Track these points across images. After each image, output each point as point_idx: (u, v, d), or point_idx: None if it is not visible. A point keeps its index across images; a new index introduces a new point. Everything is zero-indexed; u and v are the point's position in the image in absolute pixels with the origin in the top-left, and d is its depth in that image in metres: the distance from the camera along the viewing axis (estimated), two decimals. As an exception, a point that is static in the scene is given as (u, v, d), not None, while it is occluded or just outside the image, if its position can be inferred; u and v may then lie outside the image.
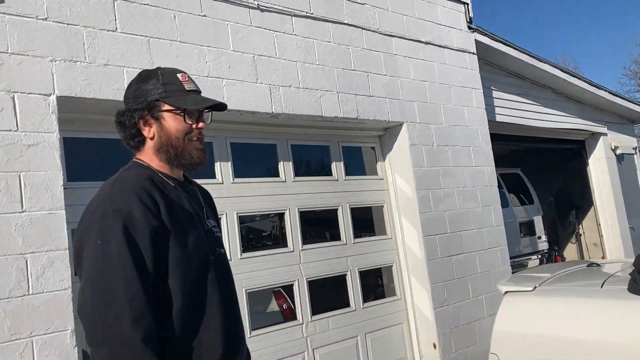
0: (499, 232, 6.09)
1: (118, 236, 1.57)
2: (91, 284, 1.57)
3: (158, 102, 1.77)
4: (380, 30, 5.35)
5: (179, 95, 1.78)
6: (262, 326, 4.33)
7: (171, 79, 1.80)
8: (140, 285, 1.55)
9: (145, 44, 3.71)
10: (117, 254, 1.56)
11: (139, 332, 1.50)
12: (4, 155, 3.02)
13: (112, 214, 1.60)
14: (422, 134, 5.50)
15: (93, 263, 1.58)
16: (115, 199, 1.63)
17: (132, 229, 1.59)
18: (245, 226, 4.44)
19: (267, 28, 4.41)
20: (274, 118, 4.42)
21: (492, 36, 6.63)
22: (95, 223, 1.61)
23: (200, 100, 1.84)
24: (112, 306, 1.52)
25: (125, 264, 1.55)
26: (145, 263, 1.59)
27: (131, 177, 1.72)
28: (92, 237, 1.60)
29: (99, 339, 1.52)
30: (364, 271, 5.13)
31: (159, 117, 1.77)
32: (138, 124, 1.78)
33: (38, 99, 3.19)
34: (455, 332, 5.34)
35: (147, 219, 1.61)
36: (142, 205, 1.62)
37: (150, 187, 1.69)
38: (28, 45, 3.20)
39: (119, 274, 1.54)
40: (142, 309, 1.53)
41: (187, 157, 1.79)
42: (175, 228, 1.67)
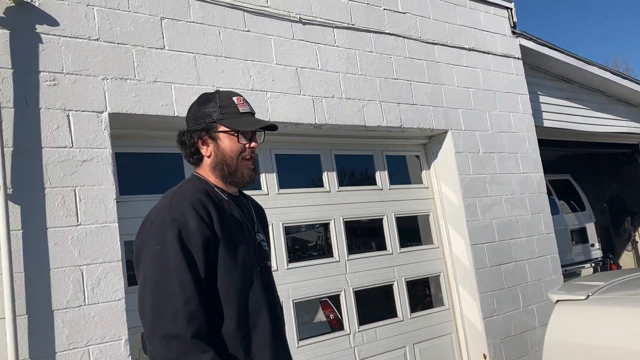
0: (550, 239, 5.94)
1: (174, 243, 1.71)
2: (151, 285, 1.71)
3: (215, 123, 1.93)
4: (422, 38, 5.33)
5: (234, 117, 1.94)
6: (310, 336, 4.34)
7: (227, 102, 1.96)
8: (194, 288, 1.69)
9: (192, 60, 3.81)
10: (173, 260, 1.70)
11: (190, 329, 1.64)
12: (60, 171, 3.15)
13: (170, 222, 1.74)
14: (468, 141, 5.44)
15: (153, 267, 1.73)
16: (173, 209, 1.77)
17: (187, 238, 1.73)
18: (290, 236, 4.48)
19: (309, 40, 4.46)
20: (317, 129, 4.45)
21: (538, 40, 6.51)
22: (155, 230, 1.77)
23: (253, 122, 1.98)
24: (169, 306, 1.66)
25: (181, 269, 1.69)
26: (198, 269, 1.72)
27: (189, 189, 1.87)
28: (152, 242, 1.75)
29: (158, 336, 1.65)
30: (411, 281, 5.09)
31: (216, 138, 1.93)
32: (197, 144, 1.95)
33: (91, 116, 3.32)
34: (506, 342, 5.22)
35: (201, 229, 1.74)
36: (197, 216, 1.75)
37: (206, 199, 1.83)
38: (81, 65, 3.34)
39: (176, 278, 1.68)
40: (195, 311, 1.67)
41: (240, 175, 1.94)
42: (226, 238, 1.80)
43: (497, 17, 6.18)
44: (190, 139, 1.95)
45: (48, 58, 3.23)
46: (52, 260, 3.04)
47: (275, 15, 4.30)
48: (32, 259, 2.98)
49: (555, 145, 7.73)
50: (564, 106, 7.18)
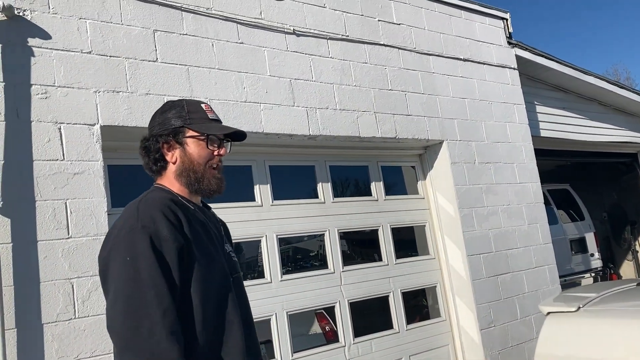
0: (547, 250, 5.92)
1: (146, 252, 1.62)
2: (122, 299, 1.60)
3: (183, 128, 1.86)
4: (417, 49, 5.34)
5: (202, 122, 1.87)
6: (304, 348, 4.32)
7: (195, 108, 1.91)
8: (171, 299, 1.60)
9: (184, 72, 3.82)
10: (147, 270, 1.60)
11: (174, 344, 1.54)
12: (51, 184, 3.15)
13: (140, 230, 1.65)
14: (463, 151, 5.43)
15: (123, 279, 1.61)
16: (142, 217, 1.68)
17: (159, 245, 1.64)
18: (284, 248, 4.47)
19: (303, 52, 4.47)
20: (311, 140, 4.45)
21: (534, 50, 6.52)
22: (123, 240, 1.66)
23: (222, 127, 1.93)
24: (145, 320, 1.55)
25: (156, 279, 1.59)
26: (174, 278, 1.64)
27: (155, 197, 1.79)
28: (120, 253, 1.65)
29: (134, 353, 1.54)
30: (407, 292, 5.06)
31: (183, 143, 1.86)
32: (162, 149, 1.86)
33: (83, 129, 3.33)
34: (503, 354, 5.19)
35: (174, 236, 1.66)
36: (168, 223, 1.67)
37: (175, 206, 1.75)
38: (73, 78, 3.35)
39: (150, 289, 1.58)
40: (174, 322, 1.58)
41: (206, 183, 1.86)
42: (198, 247, 1.73)
43: (492, 27, 6.19)
44: (156, 144, 1.86)
45: (40, 71, 3.24)
46: (42, 273, 3.03)
47: (269, 27, 4.31)
48: (22, 272, 2.97)
49: (553, 155, 7.71)
50: (561, 116, 7.18)
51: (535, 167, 6.09)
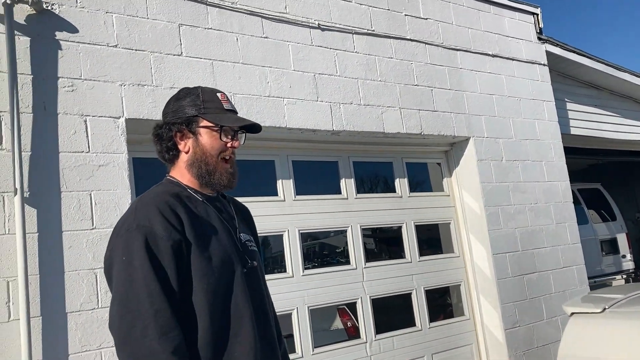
0: (575, 250, 5.79)
1: (140, 252, 1.59)
2: (118, 299, 1.59)
3: (197, 117, 1.81)
4: (444, 44, 5.28)
5: (217, 112, 1.82)
6: (326, 344, 4.31)
7: (211, 97, 1.85)
8: (164, 299, 1.56)
9: (209, 66, 3.84)
10: (140, 270, 1.58)
11: (166, 345, 1.52)
12: (77, 175, 3.20)
13: (135, 229, 1.63)
14: (490, 148, 5.35)
15: (120, 278, 1.61)
16: (138, 215, 1.66)
17: (154, 244, 1.61)
18: (308, 244, 4.47)
19: (328, 47, 4.46)
20: (335, 135, 4.44)
21: (565, 46, 6.38)
22: (121, 239, 1.65)
23: (237, 119, 1.88)
24: (138, 321, 1.54)
25: (149, 279, 1.57)
26: (168, 277, 1.60)
27: (156, 193, 1.76)
28: (118, 253, 1.64)
29: (127, 353, 1.54)
30: (431, 290, 5.01)
31: (196, 132, 1.81)
32: (175, 137, 1.82)
33: (108, 122, 3.37)
34: (528, 354, 5.10)
35: (169, 234, 1.63)
36: (164, 220, 1.64)
37: (175, 202, 1.71)
38: (99, 71, 3.39)
39: (143, 289, 1.56)
40: (167, 323, 1.55)
41: (217, 176, 1.82)
42: (200, 241, 1.68)
43: (522, 22, 6.08)
44: (169, 132, 1.82)
45: (67, 64, 3.29)
46: (67, 263, 3.08)
47: (293, 21, 4.30)
48: (47, 262, 3.03)
49: (584, 154, 7.55)
50: (593, 113, 7.01)
51: (564, 166, 5.96)
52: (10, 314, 2.88)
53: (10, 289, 2.90)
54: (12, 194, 2.96)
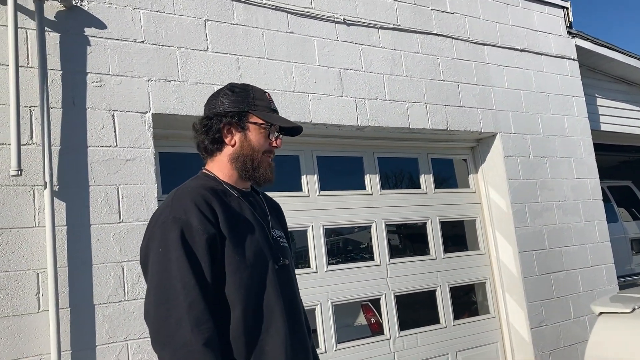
0: (605, 248, 5.68)
1: (176, 244, 1.62)
2: (154, 290, 1.62)
3: (247, 113, 1.83)
4: (471, 39, 5.21)
5: (266, 111, 1.86)
6: (349, 339, 4.31)
7: (261, 95, 1.88)
8: (198, 292, 1.58)
9: (234, 62, 3.85)
10: (176, 262, 1.60)
11: (199, 336, 1.54)
12: (104, 169, 3.24)
13: (172, 221, 1.65)
14: (518, 144, 5.27)
15: (156, 270, 1.63)
16: (175, 208, 1.68)
17: (189, 237, 1.63)
18: (330, 239, 4.46)
19: (353, 41, 4.44)
20: (359, 131, 4.42)
21: (595, 40, 6.25)
22: (157, 231, 1.67)
23: (285, 120, 1.92)
24: (173, 312, 1.56)
25: (184, 271, 1.59)
26: (203, 270, 1.62)
27: (193, 186, 1.77)
28: (154, 244, 1.66)
29: (162, 343, 1.56)
30: (455, 287, 4.97)
31: (245, 127, 1.83)
32: (223, 130, 1.83)
33: (135, 117, 3.41)
34: (555, 354, 5.03)
35: (204, 227, 1.64)
36: (200, 214, 1.66)
37: (210, 196, 1.73)
38: (127, 66, 3.43)
39: (178, 281, 1.58)
40: (201, 315, 1.57)
41: (262, 171, 1.84)
42: (234, 236, 1.70)
43: (551, 16, 5.97)
44: (218, 123, 1.82)
45: (95, 60, 3.34)
46: (95, 255, 3.13)
47: (319, 16, 4.29)
48: (75, 254, 3.08)
49: (615, 150, 7.40)
50: (624, 109, 6.86)
51: (594, 162, 5.85)
52: (40, 305, 2.94)
53: (40, 281, 2.96)
54: (42, 187, 3.02)
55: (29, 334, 2.88)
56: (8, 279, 2.88)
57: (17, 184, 2.98)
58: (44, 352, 2.90)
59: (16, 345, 2.85)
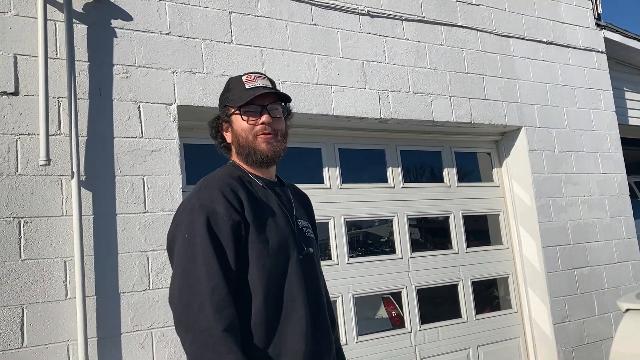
0: (631, 244, 5.59)
1: (202, 230, 1.65)
2: (179, 275, 1.66)
3: (227, 107, 1.88)
4: (496, 31, 5.15)
5: (238, 95, 1.85)
6: (370, 332, 4.31)
7: (236, 83, 1.89)
8: (222, 277, 1.61)
9: (258, 54, 3.87)
10: (201, 247, 1.64)
11: (220, 322, 1.56)
12: (130, 160, 3.29)
13: (199, 208, 1.69)
14: (543, 138, 5.21)
15: (181, 255, 1.67)
16: (202, 195, 1.73)
17: (215, 224, 1.66)
18: (352, 232, 4.46)
19: (377, 33, 4.42)
20: (382, 123, 4.40)
21: (625, 33, 6.13)
22: (184, 218, 1.72)
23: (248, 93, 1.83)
24: (196, 296, 1.59)
25: (208, 256, 1.62)
26: (227, 257, 1.65)
27: (220, 175, 1.82)
28: (181, 230, 1.70)
29: (185, 327, 1.60)
30: (478, 282, 4.94)
31: (230, 122, 1.87)
32: (221, 131, 1.92)
33: (161, 108, 3.45)
34: (578, 350, 4.97)
35: (230, 215, 1.68)
36: (226, 201, 1.69)
37: (236, 184, 1.76)
38: (152, 58, 3.46)
39: (203, 267, 1.61)
40: (223, 300, 1.59)
41: (258, 153, 1.83)
42: (258, 224, 1.72)
43: (579, 8, 5.86)
44: (212, 129, 1.93)
45: (121, 51, 3.37)
46: (120, 245, 3.18)
47: (342, 8, 4.28)
48: (101, 243, 3.13)
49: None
50: (654, 103, 6.72)
51: (621, 157, 5.75)
52: (67, 293, 3.00)
53: (67, 269, 3.02)
54: (70, 177, 3.08)
55: (56, 321, 2.95)
56: (37, 266, 2.95)
57: (45, 174, 3.04)
58: (71, 338, 2.96)
59: (44, 331, 2.91)
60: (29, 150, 3.02)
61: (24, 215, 2.95)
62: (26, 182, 2.99)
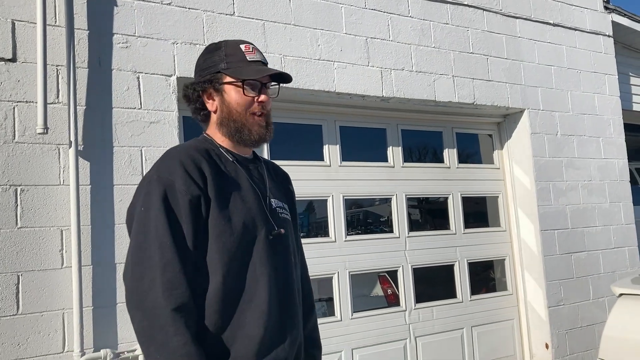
0: (629, 230, 5.59)
1: (157, 204, 1.56)
2: (132, 249, 1.58)
3: (219, 74, 1.74)
4: (503, 11, 5.08)
5: (240, 66, 1.73)
6: (365, 309, 4.34)
7: (233, 50, 1.76)
8: (175, 254, 1.52)
9: (260, 27, 3.81)
10: (154, 222, 1.55)
11: (170, 301, 1.48)
12: (128, 131, 3.27)
13: (156, 180, 1.60)
14: (545, 121, 5.17)
15: (136, 229, 1.59)
16: (161, 167, 1.63)
17: (172, 197, 1.57)
18: (350, 211, 4.46)
19: (381, 10, 4.35)
20: (384, 102, 4.37)
21: (634, 17, 6.05)
22: (142, 189, 1.63)
23: (259, 70, 1.75)
24: (147, 273, 1.51)
25: (162, 231, 1.53)
26: (183, 232, 1.56)
27: (184, 147, 1.73)
28: (138, 203, 1.62)
29: (135, 304, 1.52)
30: (474, 263, 4.96)
31: (221, 90, 1.74)
32: (202, 97, 1.77)
33: (160, 79, 3.41)
34: (571, 333, 5.01)
35: (188, 188, 1.58)
36: (185, 174, 1.59)
37: (200, 157, 1.65)
38: (153, 28, 3.42)
39: (155, 241, 1.53)
40: (174, 278, 1.50)
41: (247, 132, 1.74)
42: (222, 200, 1.62)
43: (588, -10, 5.78)
44: (194, 92, 1.77)
45: (122, 21, 3.33)
46: (117, 216, 3.17)
47: (347, -17, 4.21)
48: (98, 214, 3.13)
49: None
50: (659, 90, 6.65)
51: (623, 143, 5.72)
52: (63, 262, 3.00)
53: (64, 238, 3.02)
54: (67, 146, 3.06)
55: (52, 289, 2.96)
56: (33, 234, 2.95)
57: (43, 142, 3.02)
58: (66, 307, 2.97)
59: (40, 299, 2.92)
60: (27, 118, 3.00)
61: (21, 184, 2.94)
62: (23, 150, 2.97)
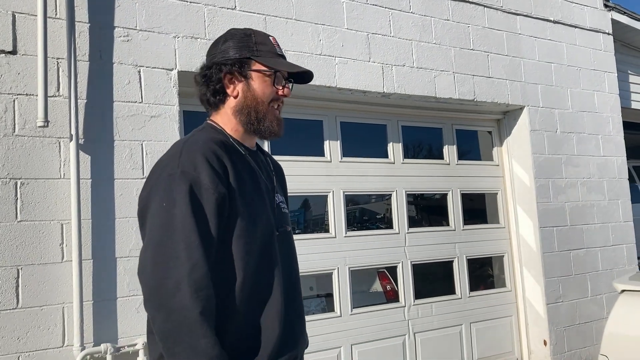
0: (627, 228, 5.61)
1: (183, 200, 1.48)
2: (153, 246, 1.49)
3: (249, 60, 1.67)
4: (503, 8, 5.07)
5: (270, 56, 1.69)
6: (364, 305, 4.34)
7: (264, 40, 1.71)
8: (202, 254, 1.46)
9: (262, 21, 3.80)
10: (181, 219, 1.47)
11: (197, 303, 1.42)
12: (129, 125, 3.25)
13: (180, 176, 1.51)
14: (545, 119, 5.17)
15: (157, 225, 1.50)
16: (183, 161, 1.53)
17: (199, 194, 1.50)
18: (349, 207, 4.45)
19: (383, 5, 4.34)
20: (385, 98, 4.36)
21: (633, 15, 6.06)
22: (162, 183, 1.53)
23: (292, 65, 1.74)
24: (173, 272, 1.43)
25: (189, 229, 1.46)
26: (210, 231, 1.49)
27: (202, 139, 1.61)
28: (157, 197, 1.52)
29: (157, 305, 1.44)
30: (473, 259, 4.96)
31: (248, 76, 1.67)
32: (224, 80, 1.68)
33: (161, 73, 3.40)
34: (569, 330, 5.02)
35: (215, 185, 1.51)
36: (211, 170, 1.52)
37: (222, 152, 1.58)
38: (154, 22, 3.40)
39: (182, 240, 1.45)
40: (202, 279, 1.44)
41: (268, 123, 1.69)
42: (244, 198, 1.57)
43: (588, -13, 5.78)
44: (218, 72, 1.66)
45: (123, 14, 3.31)
46: (118, 209, 3.16)
47: (349, -22, 4.20)
48: (98, 208, 3.11)
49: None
50: (657, 88, 6.67)
51: (622, 141, 5.73)
52: (63, 255, 2.99)
53: (64, 232, 3.00)
54: (68, 140, 3.04)
55: (52, 283, 2.94)
56: (33, 228, 2.93)
57: (43, 135, 3.00)
58: (66, 300, 2.96)
59: (40, 292, 2.91)
60: (27, 110, 2.98)
61: (21, 177, 2.93)
62: (23, 143, 2.95)
